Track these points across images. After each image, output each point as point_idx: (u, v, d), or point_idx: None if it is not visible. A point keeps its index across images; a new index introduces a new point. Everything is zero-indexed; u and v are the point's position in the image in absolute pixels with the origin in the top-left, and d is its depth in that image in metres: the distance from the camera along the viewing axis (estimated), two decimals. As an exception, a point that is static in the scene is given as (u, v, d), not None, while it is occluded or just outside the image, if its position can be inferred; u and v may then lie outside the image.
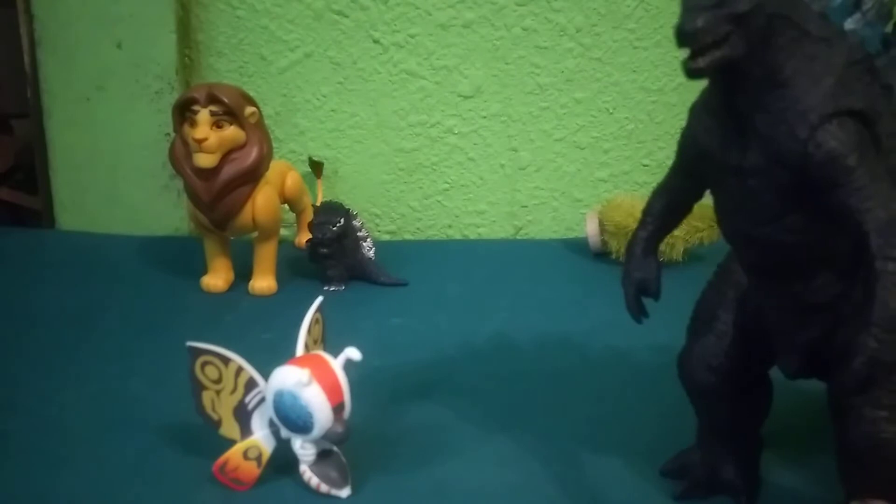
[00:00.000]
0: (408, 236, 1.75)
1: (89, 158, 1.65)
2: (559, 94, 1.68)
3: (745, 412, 0.86)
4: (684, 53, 0.67)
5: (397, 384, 1.09)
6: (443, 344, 1.21)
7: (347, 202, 1.48)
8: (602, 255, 1.53)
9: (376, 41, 1.65)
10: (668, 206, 0.84)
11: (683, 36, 0.66)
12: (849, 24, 0.73)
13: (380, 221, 1.75)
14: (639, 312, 0.85)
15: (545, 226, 1.76)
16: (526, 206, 1.74)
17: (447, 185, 1.73)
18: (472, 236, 1.75)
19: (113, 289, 1.39)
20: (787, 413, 0.93)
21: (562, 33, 1.63)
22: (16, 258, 1.53)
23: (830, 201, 0.69)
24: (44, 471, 0.90)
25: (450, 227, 1.75)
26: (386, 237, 1.74)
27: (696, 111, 0.79)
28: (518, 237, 1.76)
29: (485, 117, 1.69)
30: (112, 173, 1.65)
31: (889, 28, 0.75)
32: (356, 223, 1.44)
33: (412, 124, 1.69)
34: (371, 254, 1.44)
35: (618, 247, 1.45)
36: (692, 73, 0.67)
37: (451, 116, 1.69)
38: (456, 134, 1.70)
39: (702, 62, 0.66)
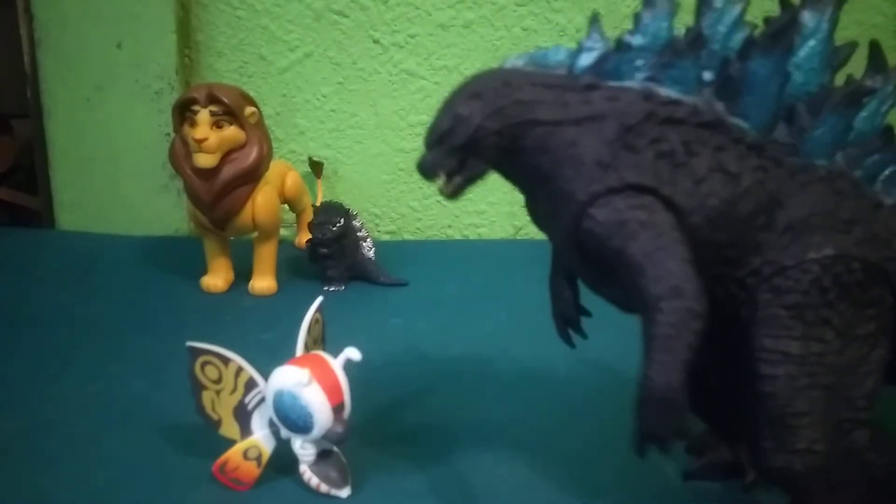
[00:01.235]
0: (408, 236, 1.75)
1: (89, 158, 1.65)
2: (559, 94, 1.68)
3: (726, 407, 0.85)
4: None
5: (397, 384, 1.09)
6: (443, 344, 1.21)
7: (347, 202, 1.49)
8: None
9: (376, 41, 1.65)
10: None
11: (422, 173, 0.72)
12: (643, 73, 0.70)
13: (380, 221, 1.75)
14: (567, 341, 0.92)
15: (545, 226, 1.75)
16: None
17: (447, 185, 1.73)
18: (472, 236, 1.75)
19: (113, 289, 1.39)
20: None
21: (562, 33, 1.63)
22: (16, 258, 1.53)
23: (619, 276, 0.69)
24: (44, 471, 0.90)
25: (450, 227, 1.75)
26: (386, 237, 1.74)
27: None
28: (518, 237, 1.76)
29: (485, 117, 1.69)
30: (112, 173, 1.65)
31: (710, 53, 0.71)
32: (356, 223, 1.44)
33: (412, 124, 1.69)
34: (371, 254, 1.44)
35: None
36: (446, 197, 0.73)
37: (451, 116, 1.69)
38: (456, 134, 1.70)
39: (447, 189, 0.72)
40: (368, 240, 1.44)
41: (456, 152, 0.70)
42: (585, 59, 0.72)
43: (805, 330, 0.68)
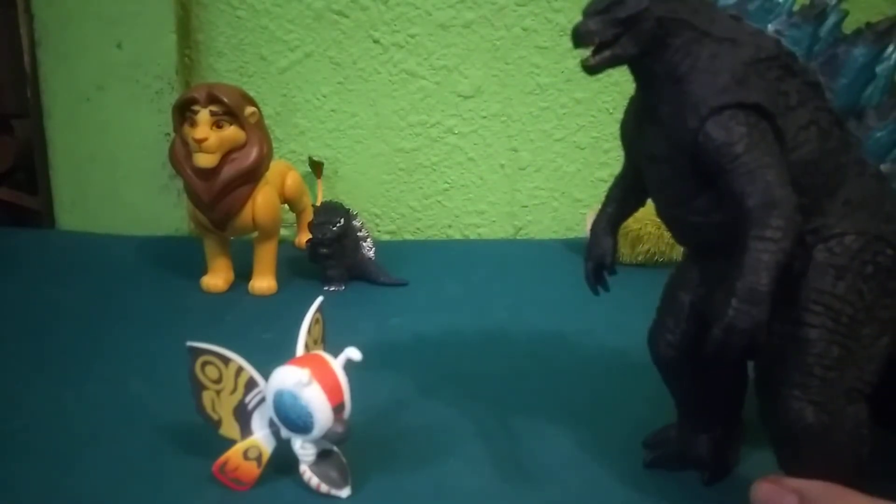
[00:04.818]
0: (408, 236, 1.75)
1: (89, 158, 1.65)
2: (559, 94, 1.68)
3: (712, 391, 0.89)
4: (585, 53, 0.75)
5: (397, 384, 1.09)
6: (442, 344, 1.21)
7: (347, 202, 1.49)
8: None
9: (376, 41, 1.65)
10: (624, 191, 0.92)
11: (575, 37, 0.75)
12: (773, 26, 0.78)
13: (380, 221, 1.75)
14: (596, 283, 0.93)
15: (545, 226, 1.76)
16: (526, 206, 1.74)
17: (447, 185, 1.73)
18: (472, 236, 1.75)
19: (113, 289, 1.39)
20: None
21: (562, 33, 1.63)
22: (16, 258, 1.53)
23: (721, 185, 0.74)
24: (44, 470, 0.90)
25: (450, 227, 1.75)
26: (386, 237, 1.74)
27: (628, 105, 0.86)
28: (518, 237, 1.76)
29: (485, 117, 1.69)
30: (112, 173, 1.65)
31: (828, 30, 0.79)
32: (356, 223, 1.44)
33: (412, 124, 1.69)
34: (371, 254, 1.44)
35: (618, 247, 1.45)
36: (587, 69, 0.75)
37: (451, 116, 1.69)
38: (456, 134, 1.70)
39: (593, 60, 0.75)
40: (368, 240, 1.44)
41: (617, 24, 0.74)
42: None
43: (845, 291, 0.76)
